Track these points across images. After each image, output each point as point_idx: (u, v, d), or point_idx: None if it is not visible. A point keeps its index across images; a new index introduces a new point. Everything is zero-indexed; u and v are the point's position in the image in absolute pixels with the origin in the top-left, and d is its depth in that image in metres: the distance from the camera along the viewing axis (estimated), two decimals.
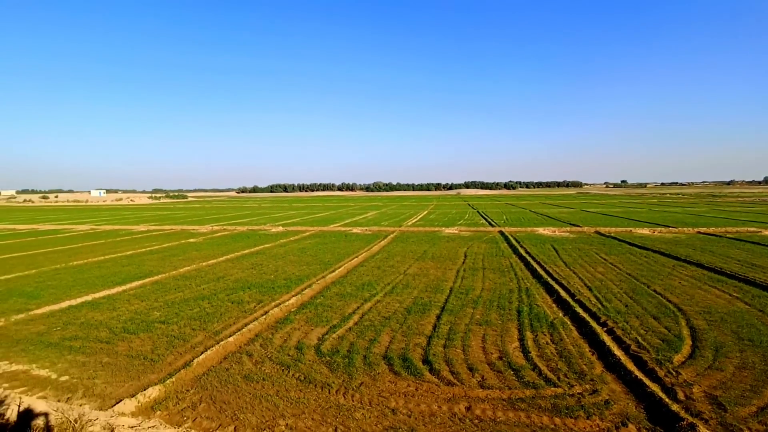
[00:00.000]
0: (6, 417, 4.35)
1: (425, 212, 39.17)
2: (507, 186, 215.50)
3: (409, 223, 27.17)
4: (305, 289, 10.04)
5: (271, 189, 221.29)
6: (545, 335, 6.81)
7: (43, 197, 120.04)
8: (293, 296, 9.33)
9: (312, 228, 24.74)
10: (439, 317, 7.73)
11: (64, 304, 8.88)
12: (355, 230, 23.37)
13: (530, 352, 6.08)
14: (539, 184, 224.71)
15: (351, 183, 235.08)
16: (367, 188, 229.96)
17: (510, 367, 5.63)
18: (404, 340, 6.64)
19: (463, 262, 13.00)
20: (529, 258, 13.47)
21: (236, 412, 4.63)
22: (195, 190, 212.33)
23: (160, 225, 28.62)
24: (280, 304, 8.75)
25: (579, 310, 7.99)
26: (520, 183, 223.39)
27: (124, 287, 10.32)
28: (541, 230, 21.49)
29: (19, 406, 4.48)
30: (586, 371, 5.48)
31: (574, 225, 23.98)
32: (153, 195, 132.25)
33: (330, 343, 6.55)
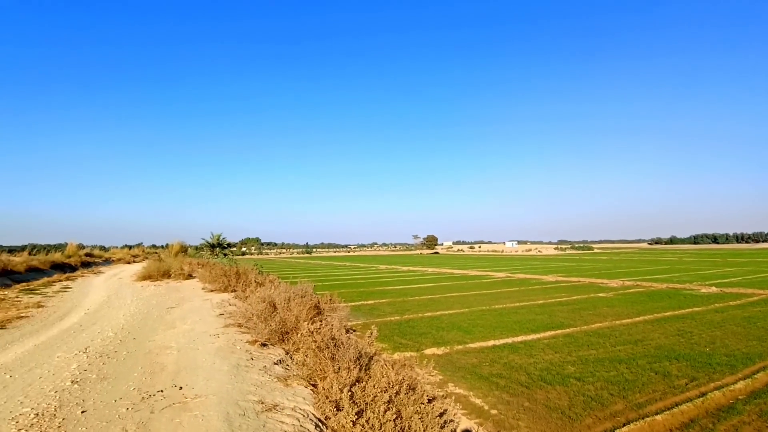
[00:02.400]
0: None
1: None
2: None
3: None
4: (757, 371, 7.51)
5: (695, 240, 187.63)
6: None
7: (470, 247, 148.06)
8: (740, 379, 7.14)
9: (761, 291, 18.90)
10: None
11: (490, 343, 10.10)
12: None
13: None
14: None
15: None
16: None
17: None
18: None
19: None
20: None
21: None
22: (600, 242, 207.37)
23: (567, 276, 29.15)
24: (722, 386, 6.84)
25: None
26: None
27: (538, 335, 10.81)
28: None
29: (457, 425, 5.20)
30: None
31: None
32: (558, 246, 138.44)
33: None
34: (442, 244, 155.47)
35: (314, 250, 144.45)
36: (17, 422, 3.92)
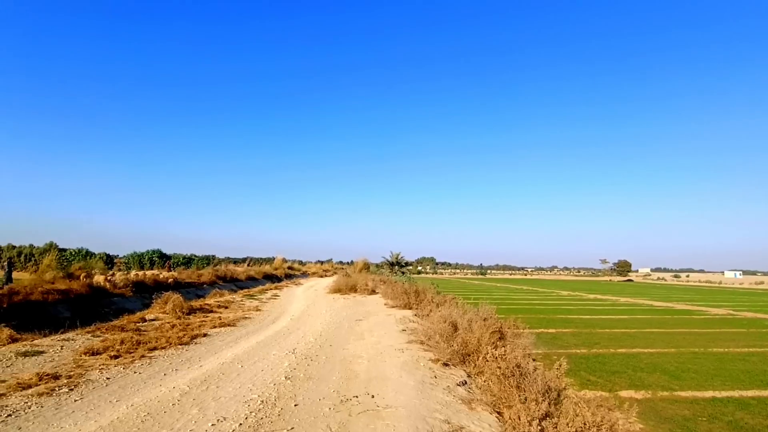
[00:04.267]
0: None
1: None
2: None
3: None
4: None
5: None
6: None
7: (675, 276, 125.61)
8: None
9: None
10: None
11: (708, 394, 8.37)
12: None
13: None
14: None
15: None
16: None
17: None
18: None
19: None
20: None
21: None
22: None
23: None
24: None
25: None
26: None
27: None
28: None
29: None
30: None
31: None
32: None
33: None
34: (636, 271, 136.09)
35: (489, 271, 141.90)
36: (248, 405, 4.77)
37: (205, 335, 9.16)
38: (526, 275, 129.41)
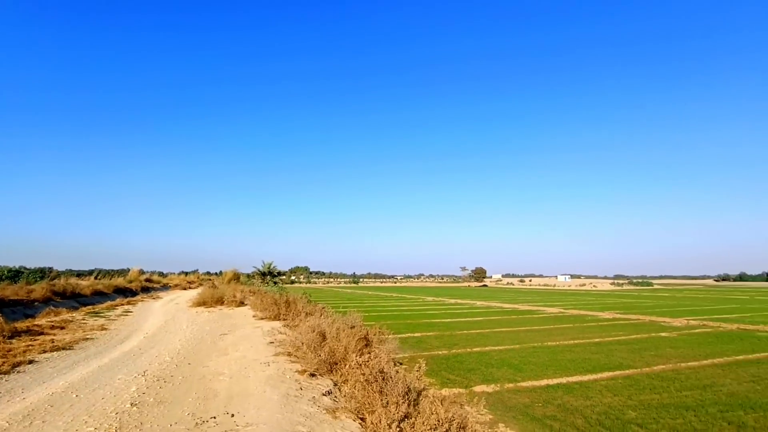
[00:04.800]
0: None
1: None
2: None
3: None
4: None
5: None
6: None
7: (521, 281, 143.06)
8: None
9: None
10: None
11: (543, 382, 9.62)
12: None
13: None
14: None
15: None
16: None
17: None
18: None
19: None
20: None
21: None
22: (660, 277, 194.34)
23: (625, 313, 27.53)
24: None
25: None
26: None
27: (595, 376, 10.20)
28: None
29: None
30: None
31: None
32: (615, 281, 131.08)
33: None
34: (491, 277, 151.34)
35: (361, 279, 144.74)
36: None
37: (31, 362, 7.77)
38: (396, 283, 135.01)
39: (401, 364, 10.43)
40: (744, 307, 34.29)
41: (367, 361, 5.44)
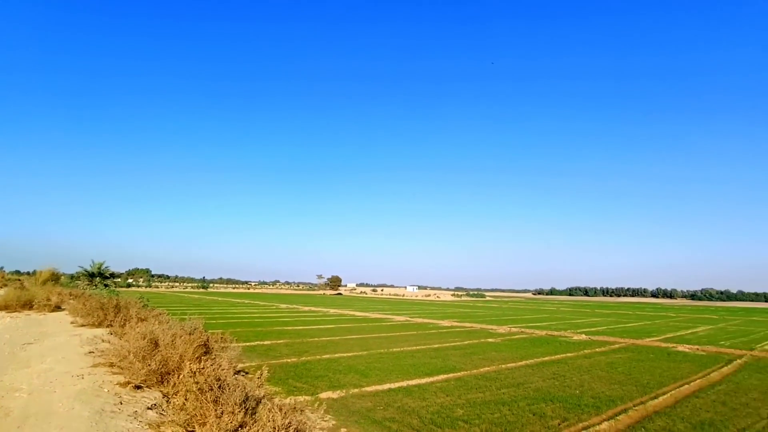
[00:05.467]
0: None
1: None
2: None
3: (767, 346, 20.11)
4: (619, 414, 8.39)
5: (570, 292, 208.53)
6: None
7: (373, 290, 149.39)
8: (604, 420, 7.92)
9: (622, 340, 21.38)
10: None
11: (385, 386, 10.08)
12: (681, 348, 18.83)
13: None
14: None
15: (670, 289, 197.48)
16: (693, 296, 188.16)
17: None
18: None
19: None
20: None
21: None
22: (492, 290, 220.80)
23: (461, 321, 30.48)
24: (588, 427, 7.54)
25: None
26: None
27: (431, 378, 11.04)
28: None
29: None
30: None
31: None
32: (455, 293, 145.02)
33: None
34: (345, 286, 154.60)
35: (211, 285, 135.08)
36: None
37: None
38: (249, 289, 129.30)
39: (246, 373, 9.95)
40: (552, 316, 40.79)
41: (202, 369, 5.04)
